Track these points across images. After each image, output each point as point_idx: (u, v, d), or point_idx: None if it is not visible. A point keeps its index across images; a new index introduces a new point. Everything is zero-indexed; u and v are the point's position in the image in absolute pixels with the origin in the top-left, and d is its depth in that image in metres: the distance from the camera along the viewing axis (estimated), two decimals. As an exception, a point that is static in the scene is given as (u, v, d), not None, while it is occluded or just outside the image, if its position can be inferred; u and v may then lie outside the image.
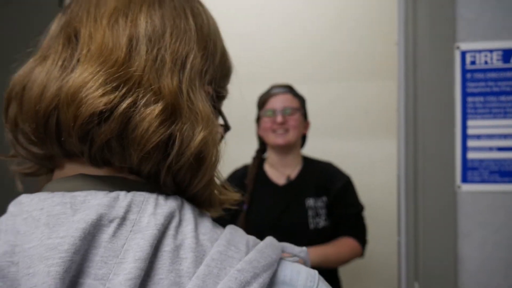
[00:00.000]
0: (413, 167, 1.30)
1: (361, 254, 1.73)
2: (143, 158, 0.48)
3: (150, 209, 0.46)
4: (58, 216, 0.45)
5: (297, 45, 2.50)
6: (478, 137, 1.25)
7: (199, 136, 0.48)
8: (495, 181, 1.24)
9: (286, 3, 2.54)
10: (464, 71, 1.26)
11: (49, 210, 0.45)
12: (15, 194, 0.51)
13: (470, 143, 1.25)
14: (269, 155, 1.80)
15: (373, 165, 2.30)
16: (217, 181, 0.55)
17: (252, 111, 1.84)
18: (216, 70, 0.57)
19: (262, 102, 1.77)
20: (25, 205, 0.47)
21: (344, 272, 1.84)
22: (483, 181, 1.25)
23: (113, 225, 0.44)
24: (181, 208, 0.48)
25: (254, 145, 1.85)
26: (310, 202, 1.68)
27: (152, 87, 0.47)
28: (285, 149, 1.74)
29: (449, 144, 1.26)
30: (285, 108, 1.72)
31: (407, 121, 1.31)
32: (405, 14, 1.32)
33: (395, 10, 1.35)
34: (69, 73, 0.47)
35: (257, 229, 1.65)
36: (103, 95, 0.45)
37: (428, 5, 1.28)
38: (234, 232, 0.49)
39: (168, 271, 0.43)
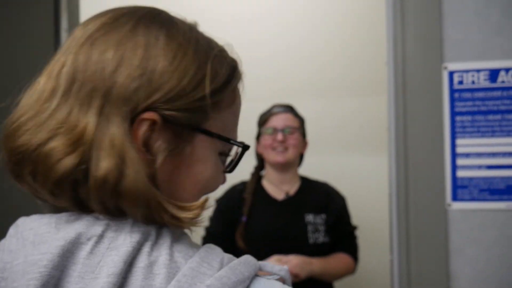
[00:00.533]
0: (404, 185, 1.32)
1: (354, 271, 1.79)
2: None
3: (127, 228, 0.48)
4: (43, 235, 0.48)
5: (286, 60, 2.52)
6: (467, 155, 1.27)
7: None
8: (485, 199, 1.26)
9: (275, 17, 2.57)
10: (452, 90, 1.28)
11: (36, 230, 0.49)
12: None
13: (460, 161, 1.27)
14: (268, 172, 1.83)
15: (365, 182, 2.31)
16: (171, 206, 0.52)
17: (242, 128, 1.85)
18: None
19: (264, 120, 1.81)
20: (19, 226, 0.51)
21: (338, 290, 1.85)
22: (473, 199, 1.26)
23: (91, 242, 0.47)
24: (159, 228, 0.50)
25: (251, 162, 1.86)
26: (309, 217, 1.71)
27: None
28: (284, 167, 1.77)
29: (439, 162, 1.28)
30: (286, 127, 1.76)
31: (397, 140, 1.33)
32: (394, 34, 1.34)
33: (384, 30, 1.37)
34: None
35: (256, 242, 1.68)
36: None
37: (416, 26, 1.30)
38: (210, 250, 0.50)
39: (140, 286, 0.45)
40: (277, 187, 1.78)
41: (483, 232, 1.27)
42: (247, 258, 0.51)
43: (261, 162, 1.85)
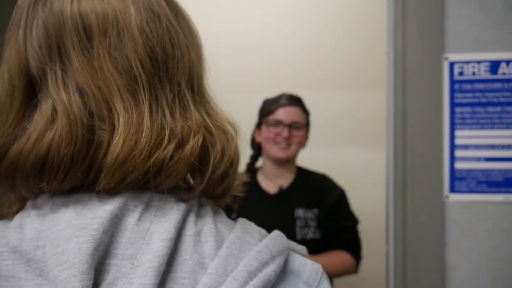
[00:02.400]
0: (402, 176, 1.31)
1: (355, 270, 1.69)
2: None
3: (172, 198, 0.49)
4: (85, 203, 0.47)
5: (282, 51, 2.50)
6: (466, 147, 1.26)
7: (230, 150, 0.52)
8: (482, 191, 1.25)
9: (271, 8, 2.54)
10: (452, 81, 1.27)
11: (76, 198, 0.47)
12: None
13: (458, 153, 1.26)
14: (265, 164, 1.78)
15: (362, 174, 2.30)
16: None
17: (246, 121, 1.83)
18: (203, 56, 0.58)
19: (270, 110, 1.72)
20: (49, 196, 0.48)
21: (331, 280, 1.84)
22: (470, 191, 1.25)
23: (138, 209, 0.47)
24: (199, 200, 0.52)
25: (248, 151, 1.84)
26: (299, 212, 1.66)
27: (185, 128, 0.49)
28: (284, 162, 1.73)
29: (438, 154, 1.27)
30: (293, 123, 1.69)
31: (395, 130, 1.32)
32: (395, 24, 1.33)
33: (385, 20, 1.36)
34: (99, 145, 0.47)
35: None
36: (148, 157, 0.46)
37: (417, 16, 1.29)
38: (247, 223, 0.53)
39: (192, 252, 0.46)
40: (272, 181, 1.74)
41: (480, 225, 1.26)
42: (279, 232, 0.53)
43: (257, 151, 1.80)
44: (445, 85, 1.27)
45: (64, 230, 0.44)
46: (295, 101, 1.74)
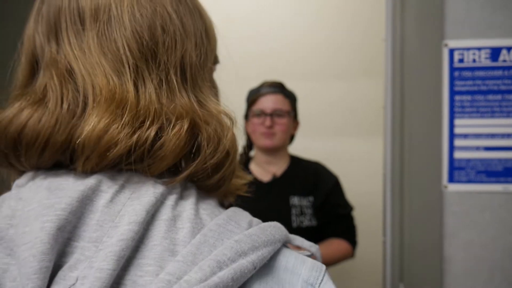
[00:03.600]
0: (399, 166, 1.28)
1: (351, 255, 1.71)
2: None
3: (151, 181, 0.47)
4: (60, 182, 0.46)
5: (277, 41, 2.46)
6: (465, 136, 1.23)
7: (226, 139, 0.50)
8: (481, 181, 1.23)
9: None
10: (452, 69, 1.24)
11: (52, 178, 0.47)
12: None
13: (457, 142, 1.24)
14: (256, 154, 1.77)
15: (358, 164, 2.28)
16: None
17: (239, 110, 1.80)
18: (213, 47, 0.57)
19: (252, 100, 1.72)
20: (32, 176, 0.48)
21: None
22: (469, 181, 1.23)
23: (111, 191, 0.45)
24: (184, 184, 0.49)
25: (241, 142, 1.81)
26: (294, 200, 1.65)
27: (170, 110, 0.48)
28: (272, 151, 1.71)
29: (436, 143, 1.24)
30: (275, 111, 1.67)
31: (393, 119, 1.29)
32: (393, 10, 1.29)
33: (383, 6, 1.32)
34: (80, 118, 0.47)
35: None
36: (131, 134, 0.45)
37: (416, 2, 1.26)
38: (237, 211, 0.49)
39: (162, 238, 0.43)
40: (264, 169, 1.73)
41: (479, 215, 1.24)
42: (277, 224, 0.49)
43: (250, 142, 1.79)
44: (444, 72, 1.24)
45: (34, 209, 0.43)
46: (276, 88, 1.72)
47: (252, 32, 2.42)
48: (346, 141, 2.35)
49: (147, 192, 0.45)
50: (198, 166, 0.48)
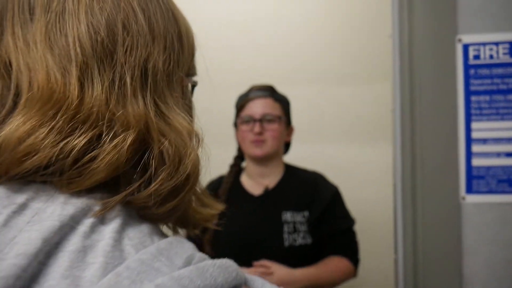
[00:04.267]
0: (411, 176, 1.18)
1: (353, 274, 1.56)
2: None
3: (62, 198, 0.39)
4: None
5: (279, 44, 2.36)
6: (484, 141, 1.13)
7: (188, 160, 0.43)
8: (503, 191, 1.12)
9: (270, 1, 2.41)
10: (467, 66, 1.13)
11: None
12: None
13: (475, 148, 1.13)
14: (247, 164, 1.64)
15: (366, 174, 2.16)
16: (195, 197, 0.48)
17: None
18: (187, 56, 0.51)
19: (240, 105, 1.60)
20: None
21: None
22: (490, 191, 1.12)
23: (6, 211, 0.38)
24: (107, 202, 0.41)
25: (233, 152, 1.71)
26: (287, 216, 1.51)
27: (117, 116, 0.42)
28: (264, 160, 1.58)
29: (451, 149, 1.14)
30: (265, 115, 1.55)
31: (403, 124, 1.19)
32: (400, 3, 1.19)
33: (388, 1, 1.22)
34: (4, 119, 0.42)
35: (226, 245, 1.49)
36: (55, 144, 0.39)
37: (426, -8, 1.15)
38: (175, 243, 0.39)
39: (62, 276, 0.35)
40: (256, 181, 1.59)
41: (501, 229, 1.14)
42: (226, 262, 0.39)
43: (241, 152, 1.66)
44: (458, 70, 1.14)
45: None
46: (265, 91, 1.59)
47: (253, 37, 2.34)
48: (351, 147, 2.23)
49: (52, 215, 0.37)
50: (145, 190, 0.40)
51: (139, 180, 0.41)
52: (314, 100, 2.22)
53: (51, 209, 0.38)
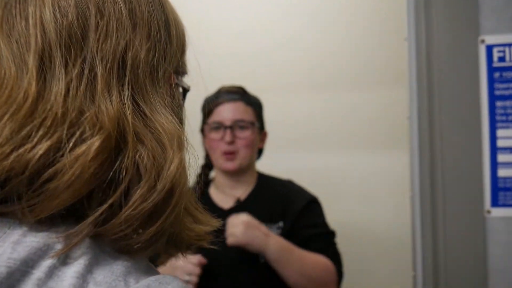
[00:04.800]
0: (430, 188, 1.12)
1: (334, 282, 1.36)
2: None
3: (16, 236, 0.32)
4: None
5: (288, 48, 2.30)
6: (511, 150, 1.06)
7: (169, 171, 0.36)
8: (533, 204, 1.04)
9: (276, 4, 2.35)
10: (491, 69, 1.07)
11: None
12: None
13: (501, 157, 1.06)
14: (216, 175, 1.51)
15: (380, 185, 2.08)
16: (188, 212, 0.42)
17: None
18: (175, 48, 0.45)
19: (208, 110, 1.45)
20: None
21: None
22: (518, 204, 1.05)
23: None
24: (71, 237, 0.34)
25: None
26: None
27: (86, 116, 0.35)
28: (235, 173, 1.45)
29: (475, 159, 1.08)
30: (236, 122, 1.42)
31: (420, 132, 1.13)
32: (416, 3, 1.13)
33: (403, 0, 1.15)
34: None
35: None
36: (10, 152, 0.32)
37: (445, -10, 1.08)
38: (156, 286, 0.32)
39: None
40: (226, 194, 1.47)
41: (530, 245, 1.06)
42: None
43: (209, 160, 1.51)
44: (482, 73, 1.07)
45: None
46: (236, 94, 1.46)
47: (262, 42, 2.28)
48: (366, 158, 2.15)
49: (0, 257, 0.31)
50: (117, 216, 0.33)
51: (109, 202, 0.33)
52: (322, 107, 2.15)
53: (1, 251, 0.31)
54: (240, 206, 1.43)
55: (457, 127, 1.08)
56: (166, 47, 0.42)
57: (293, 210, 1.41)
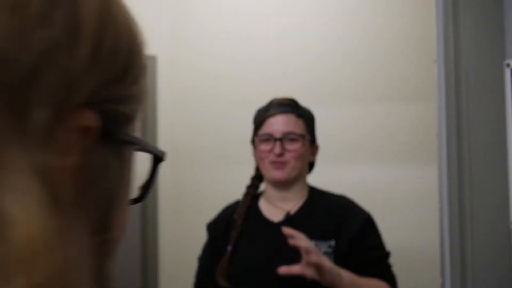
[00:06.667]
0: (458, 200, 1.16)
1: None
2: None
3: None
4: None
5: (315, 63, 2.35)
6: None
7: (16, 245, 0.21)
8: (557, 218, 1.07)
9: (300, 9, 2.38)
10: None
11: None
12: None
13: None
14: (266, 188, 1.49)
15: (408, 199, 2.11)
16: None
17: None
18: (97, 67, 0.26)
19: (259, 122, 1.45)
20: None
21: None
22: (543, 217, 1.08)
23: None
24: None
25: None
26: None
27: None
28: (285, 184, 1.43)
29: (501, 173, 1.12)
30: (286, 134, 1.40)
31: (449, 148, 1.17)
32: (445, 27, 1.19)
33: (434, 23, 1.22)
34: None
35: (241, 276, 1.35)
36: None
37: (472, 16, 1.15)
38: None
39: None
40: (276, 207, 1.44)
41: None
42: None
43: (259, 172, 1.49)
44: (507, 96, 1.12)
45: None
46: (287, 106, 1.45)
47: (279, 51, 2.31)
48: (392, 170, 2.19)
49: None
50: None
51: None
52: (354, 121, 2.19)
53: None
54: (290, 220, 1.39)
55: (484, 143, 1.13)
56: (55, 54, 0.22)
57: (349, 229, 1.38)
